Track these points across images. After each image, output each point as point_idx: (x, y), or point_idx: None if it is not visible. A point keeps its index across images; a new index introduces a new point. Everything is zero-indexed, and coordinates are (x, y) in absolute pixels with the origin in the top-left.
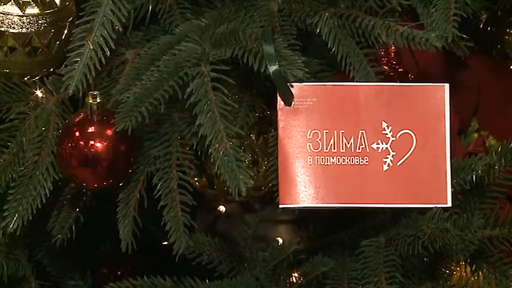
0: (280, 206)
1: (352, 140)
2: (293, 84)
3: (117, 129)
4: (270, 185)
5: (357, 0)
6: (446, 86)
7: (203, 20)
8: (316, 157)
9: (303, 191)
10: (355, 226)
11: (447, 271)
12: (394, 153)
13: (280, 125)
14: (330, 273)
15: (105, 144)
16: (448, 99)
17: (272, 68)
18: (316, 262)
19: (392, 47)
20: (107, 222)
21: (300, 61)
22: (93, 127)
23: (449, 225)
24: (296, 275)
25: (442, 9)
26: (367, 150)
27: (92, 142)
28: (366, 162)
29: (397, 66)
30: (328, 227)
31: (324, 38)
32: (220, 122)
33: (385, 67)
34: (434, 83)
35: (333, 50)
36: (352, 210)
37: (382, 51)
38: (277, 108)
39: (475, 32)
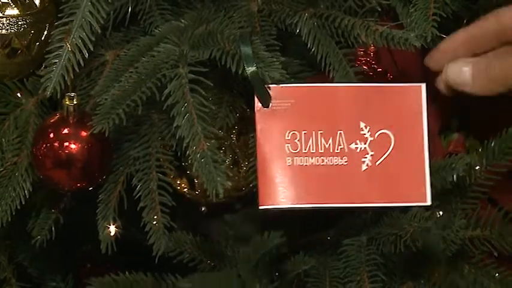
0: (260, 207)
1: (330, 141)
2: (270, 86)
3: (95, 132)
4: (251, 185)
5: (337, 0)
6: (423, 86)
7: (182, 21)
8: (295, 158)
9: (283, 191)
10: (337, 225)
11: (428, 271)
12: (372, 153)
13: (258, 126)
14: (312, 272)
15: (80, 145)
16: (425, 99)
17: (250, 70)
18: (298, 260)
19: (372, 47)
20: (88, 223)
21: (278, 62)
22: (68, 128)
23: (431, 224)
24: (278, 273)
25: (422, 9)
26: (346, 151)
27: (66, 143)
28: (345, 162)
29: (376, 66)
30: (310, 226)
31: (303, 38)
32: (198, 124)
33: (365, 67)
34: (413, 82)
35: (313, 50)
36: (333, 210)
37: (361, 51)
38: (255, 110)
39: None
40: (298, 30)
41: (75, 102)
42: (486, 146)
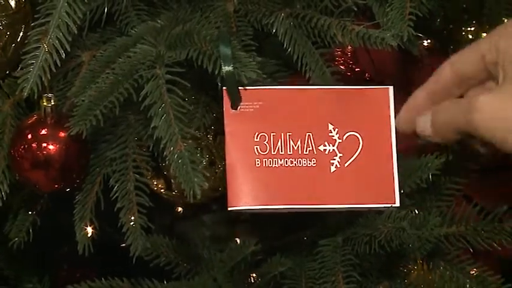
0: (229, 209)
1: (299, 142)
2: (239, 88)
3: (72, 133)
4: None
5: (313, 0)
6: (391, 88)
7: (159, 21)
8: (264, 159)
9: (251, 193)
10: (312, 226)
11: (405, 270)
12: (341, 155)
13: (227, 129)
14: (288, 273)
15: (57, 146)
16: (393, 101)
17: (225, 69)
18: (274, 262)
19: (349, 47)
20: (65, 225)
21: (254, 62)
22: (45, 129)
23: (406, 223)
24: (254, 275)
25: (398, 8)
26: (315, 152)
27: (44, 144)
28: (314, 164)
29: (353, 66)
30: (285, 227)
31: (279, 38)
32: (175, 125)
33: (342, 67)
34: (387, 83)
35: (289, 50)
36: (302, 212)
37: (338, 51)
38: (224, 112)
39: (430, 30)
40: (274, 30)
41: (52, 103)
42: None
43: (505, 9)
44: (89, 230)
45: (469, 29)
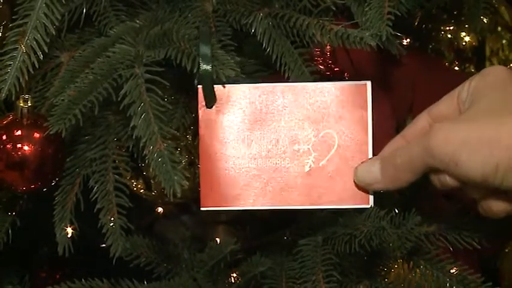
0: (202, 209)
1: (274, 142)
2: (214, 86)
3: (51, 132)
4: None
5: (291, 0)
6: (368, 83)
7: (137, 21)
8: (238, 160)
9: (224, 193)
10: (292, 225)
11: (385, 269)
12: (316, 154)
13: (201, 129)
14: (268, 273)
15: (33, 147)
16: (371, 97)
17: (203, 68)
18: (254, 262)
19: (328, 47)
20: (45, 226)
21: (232, 61)
22: (21, 130)
23: (386, 223)
24: (234, 275)
25: (376, 8)
26: (289, 152)
27: (19, 145)
28: (288, 164)
29: (332, 66)
30: (265, 227)
31: (258, 38)
32: (154, 124)
33: (321, 66)
34: (364, 80)
35: (268, 50)
36: (275, 212)
37: (317, 51)
38: (198, 111)
39: (409, 30)
40: (253, 30)
41: (29, 104)
42: None
43: (484, 8)
44: (69, 230)
45: (448, 28)
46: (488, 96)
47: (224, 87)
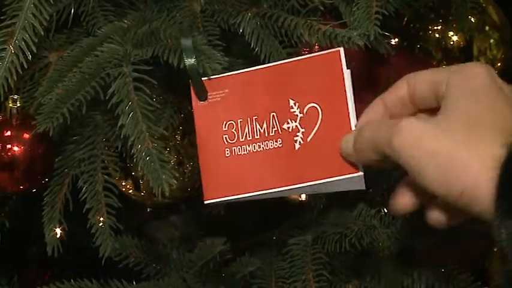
0: (205, 202)
1: (265, 124)
2: (203, 79)
3: (39, 131)
4: (196, 185)
5: (280, 0)
6: (341, 50)
7: (125, 21)
8: (233, 148)
9: (224, 184)
10: (282, 225)
11: (374, 268)
12: (303, 130)
13: (197, 122)
14: (257, 273)
15: (22, 148)
16: (345, 64)
17: (188, 62)
18: (244, 262)
19: (316, 46)
20: (34, 226)
21: (218, 54)
22: (10, 131)
23: (377, 221)
24: (223, 275)
25: (364, 8)
26: (280, 132)
27: (9, 146)
28: (280, 144)
29: None
30: (255, 226)
31: (246, 38)
32: (142, 123)
33: None
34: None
35: (256, 50)
36: (279, 208)
37: (305, 51)
38: (193, 106)
39: (397, 29)
40: (241, 30)
41: (18, 105)
42: None
43: (471, 7)
44: (58, 231)
45: (435, 27)
46: (468, 105)
47: (212, 78)
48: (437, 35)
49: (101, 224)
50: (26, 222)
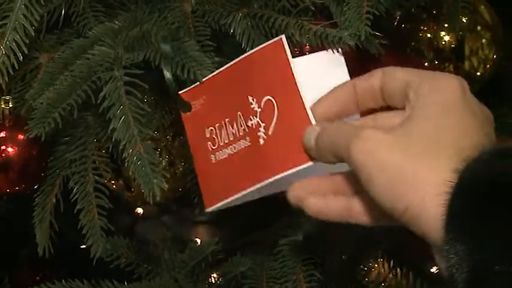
0: (207, 210)
1: (235, 125)
2: (181, 92)
3: (30, 136)
4: (188, 186)
5: (270, 0)
6: (283, 37)
7: (116, 22)
8: (216, 153)
9: (215, 190)
10: (273, 225)
11: (365, 268)
12: (264, 125)
13: (188, 132)
14: (249, 273)
15: (16, 149)
16: (289, 51)
17: (166, 77)
18: (235, 262)
19: (307, 46)
20: (25, 227)
21: (210, 61)
22: (3, 132)
23: None
24: (215, 275)
25: (355, 8)
26: (247, 130)
27: (3, 147)
28: (249, 142)
29: None
30: (246, 227)
31: (237, 38)
32: (134, 126)
33: None
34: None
35: (247, 50)
36: (270, 208)
37: (296, 51)
38: (182, 117)
39: (389, 29)
40: (232, 30)
41: (10, 106)
42: None
43: (463, 7)
44: (49, 231)
45: (427, 27)
46: (431, 120)
47: (191, 88)
48: (428, 35)
49: (92, 224)
50: (17, 223)
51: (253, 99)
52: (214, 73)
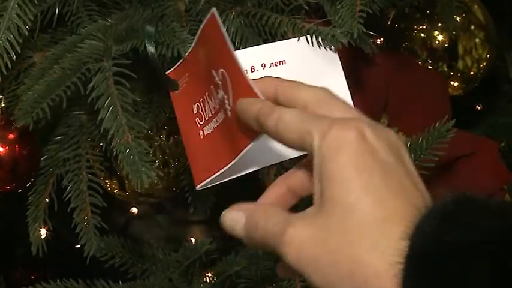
0: (197, 187)
1: (212, 99)
2: (168, 71)
3: (18, 126)
4: (182, 185)
5: None
6: (214, 9)
7: (109, 20)
8: (204, 128)
9: (204, 166)
10: None
11: None
12: (226, 96)
13: (176, 111)
14: (243, 273)
15: (8, 148)
16: (221, 22)
17: (149, 51)
18: (229, 261)
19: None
20: (19, 226)
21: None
22: None
23: None
24: (209, 274)
25: (348, 6)
26: (220, 103)
27: None
28: (223, 114)
29: None
30: None
31: (231, 36)
32: (122, 116)
33: None
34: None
35: (241, 48)
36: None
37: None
38: (171, 97)
39: (382, 28)
40: (225, 29)
41: (2, 105)
42: (414, 142)
43: (456, 7)
44: (43, 231)
45: (421, 27)
46: (340, 201)
47: (176, 67)
48: (422, 35)
49: (85, 223)
50: (11, 223)
51: (215, 73)
52: (189, 49)
